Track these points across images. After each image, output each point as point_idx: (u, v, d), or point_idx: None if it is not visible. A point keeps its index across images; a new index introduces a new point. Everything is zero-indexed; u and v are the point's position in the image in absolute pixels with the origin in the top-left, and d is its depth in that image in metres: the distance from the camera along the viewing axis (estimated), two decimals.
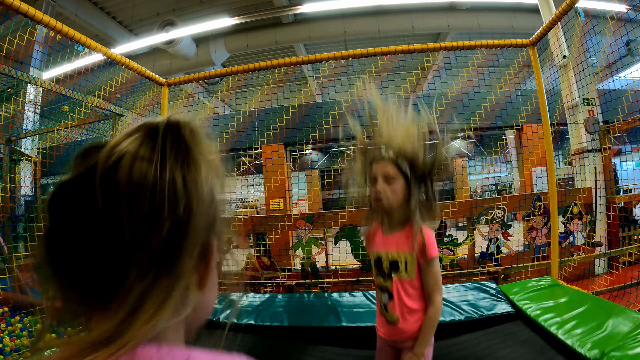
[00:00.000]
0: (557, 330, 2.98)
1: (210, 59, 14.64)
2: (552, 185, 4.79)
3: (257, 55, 15.75)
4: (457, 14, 12.98)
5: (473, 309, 3.69)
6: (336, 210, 7.07)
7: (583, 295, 3.79)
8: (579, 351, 2.63)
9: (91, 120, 6.27)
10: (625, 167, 10.39)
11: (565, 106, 7.88)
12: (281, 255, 7.07)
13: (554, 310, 3.46)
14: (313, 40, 14.15)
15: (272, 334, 3.71)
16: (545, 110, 4.85)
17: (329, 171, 14.49)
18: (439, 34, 14.99)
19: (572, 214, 6.93)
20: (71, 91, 5.34)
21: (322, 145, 15.35)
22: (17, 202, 7.50)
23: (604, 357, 2.43)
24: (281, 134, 7.71)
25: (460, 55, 5.10)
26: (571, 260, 6.07)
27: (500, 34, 12.55)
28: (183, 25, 12.67)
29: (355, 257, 6.79)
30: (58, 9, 10.99)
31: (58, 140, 7.04)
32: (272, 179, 9.81)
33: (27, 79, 5.00)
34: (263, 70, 5.13)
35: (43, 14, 3.34)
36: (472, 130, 6.37)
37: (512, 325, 3.48)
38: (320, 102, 14.81)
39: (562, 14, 4.25)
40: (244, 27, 14.02)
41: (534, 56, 4.84)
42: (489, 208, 6.78)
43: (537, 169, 9.04)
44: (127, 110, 6.42)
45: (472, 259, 6.86)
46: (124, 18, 13.69)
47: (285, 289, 6.51)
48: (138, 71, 4.73)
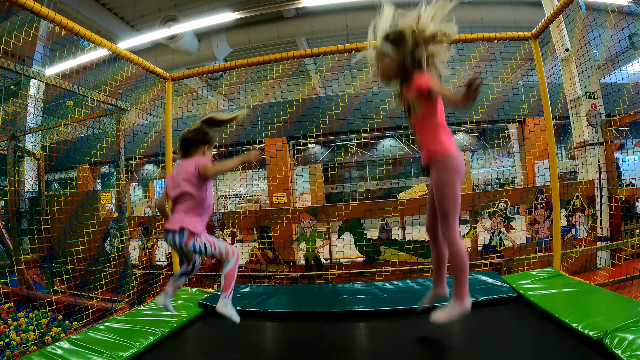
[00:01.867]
0: (559, 313, 3.00)
1: (212, 53, 14.66)
2: (554, 178, 4.82)
3: (260, 50, 15.77)
4: (459, 7, 12.85)
5: (476, 293, 3.72)
6: (340, 202, 7.10)
7: (585, 285, 3.82)
8: (581, 331, 2.65)
9: (96, 115, 6.31)
10: (627, 160, 10.40)
11: (567, 99, 7.90)
12: (286, 247, 7.11)
13: (556, 296, 3.49)
14: (315, 34, 14.15)
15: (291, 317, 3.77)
16: (548, 104, 4.87)
17: (332, 164, 14.53)
18: None
19: (575, 207, 6.95)
20: (77, 86, 5.37)
21: (325, 139, 15.40)
22: (22, 197, 7.55)
23: (607, 336, 2.45)
24: (285, 128, 7.73)
25: (462, 48, 5.10)
26: (573, 252, 6.09)
27: (502, 27, 12.53)
28: (185, 20, 12.69)
29: (359, 249, 6.83)
30: (60, 6, 11.02)
31: (62, 136, 7.07)
32: (276, 172, 9.85)
33: (33, 75, 5.03)
34: (266, 64, 5.14)
35: (48, 9, 3.38)
36: (474, 124, 6.39)
37: (514, 308, 3.51)
38: (324, 96, 14.81)
39: (564, 6, 4.27)
40: (246, 22, 14.04)
41: (536, 49, 4.85)
42: (492, 201, 6.81)
43: (539, 162, 9.05)
44: (131, 105, 6.44)
45: (475, 251, 6.90)
46: (126, 14, 13.71)
47: (289, 281, 6.56)
48: (142, 65, 4.76)
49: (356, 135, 9.88)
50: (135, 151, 7.07)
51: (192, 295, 4.50)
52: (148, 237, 7.87)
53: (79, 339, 3.15)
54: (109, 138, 6.28)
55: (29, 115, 7.41)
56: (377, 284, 4.51)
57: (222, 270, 3.01)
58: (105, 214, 7.79)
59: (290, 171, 10.57)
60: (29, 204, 7.80)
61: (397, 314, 3.59)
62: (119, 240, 6.29)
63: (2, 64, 4.42)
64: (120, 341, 3.09)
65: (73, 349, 2.95)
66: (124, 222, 6.22)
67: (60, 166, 7.87)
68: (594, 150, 7.58)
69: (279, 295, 4.35)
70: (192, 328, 3.69)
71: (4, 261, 7.28)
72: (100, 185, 12.98)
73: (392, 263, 6.70)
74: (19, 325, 5.39)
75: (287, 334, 3.54)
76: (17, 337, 4.99)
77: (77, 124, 6.60)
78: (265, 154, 11.07)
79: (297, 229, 7.43)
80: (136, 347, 2.99)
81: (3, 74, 4.89)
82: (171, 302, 3.29)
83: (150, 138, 7.65)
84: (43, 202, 7.21)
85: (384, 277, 6.27)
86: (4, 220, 7.80)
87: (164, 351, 3.14)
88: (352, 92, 7.36)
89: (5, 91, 5.21)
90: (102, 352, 2.88)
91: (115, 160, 6.14)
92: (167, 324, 3.53)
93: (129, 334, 3.25)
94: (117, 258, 6.01)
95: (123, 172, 6.20)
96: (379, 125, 6.81)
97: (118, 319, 3.74)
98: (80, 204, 7.01)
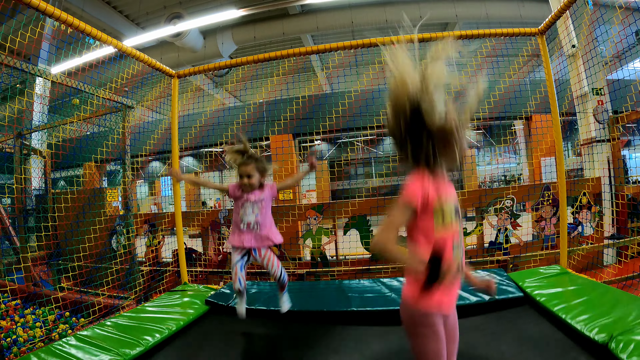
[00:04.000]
0: (565, 314, 2.99)
1: (217, 51, 14.66)
2: (561, 175, 4.80)
3: (265, 47, 15.76)
4: (465, 3, 12.91)
5: (482, 293, 3.70)
6: (346, 199, 7.09)
7: (592, 283, 3.81)
8: (586, 334, 2.65)
9: (102, 113, 6.33)
10: (634, 157, 10.34)
11: (574, 95, 7.86)
12: (292, 244, 7.11)
13: (562, 296, 3.48)
14: (320, 31, 14.12)
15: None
16: (554, 100, 4.85)
17: (338, 161, 14.51)
18: (447, 23, 14.94)
19: (581, 204, 6.92)
20: (82, 84, 5.38)
21: (331, 135, 15.34)
22: (28, 195, 7.58)
23: (612, 340, 2.45)
24: (290, 124, 7.74)
25: (469, 44, 5.09)
26: (580, 249, 6.07)
27: (509, 23, 12.43)
28: (190, 17, 12.69)
29: (365, 246, 6.82)
30: (65, 4, 11.03)
31: (68, 134, 7.10)
32: (282, 169, 9.85)
33: (38, 73, 5.05)
34: (272, 60, 5.14)
35: (54, 8, 3.38)
36: (480, 120, 6.37)
37: (520, 310, 3.51)
38: (329, 93, 14.80)
39: (571, 2, 4.24)
40: (252, 19, 14.03)
41: (543, 45, 4.82)
42: (498, 198, 6.79)
43: (546, 158, 9.01)
44: (137, 103, 6.45)
45: (481, 248, 6.88)
46: (131, 12, 13.72)
47: (295, 277, 6.57)
48: (148, 63, 4.76)
49: (362, 132, 9.88)
50: (142, 148, 7.07)
51: (199, 292, 4.51)
52: (154, 234, 7.89)
53: (85, 335, 3.17)
54: (115, 135, 6.30)
55: (35, 113, 7.43)
56: (384, 280, 4.51)
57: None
58: (112, 211, 7.82)
59: (296, 168, 10.55)
60: (36, 202, 7.84)
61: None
62: (126, 237, 6.31)
63: (8, 63, 4.43)
64: (127, 338, 3.11)
65: (80, 346, 2.97)
66: (131, 219, 6.24)
67: (66, 164, 7.89)
68: (600, 147, 7.54)
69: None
70: (199, 326, 3.70)
71: (11, 258, 7.32)
72: (106, 183, 13.02)
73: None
74: (26, 322, 5.42)
75: (293, 330, 3.55)
76: (24, 333, 5.02)
77: (83, 121, 6.63)
78: (271, 150, 11.08)
79: (303, 225, 7.43)
80: (143, 345, 3.01)
81: (9, 73, 4.92)
82: (178, 300, 3.31)
83: (157, 135, 7.67)
84: (49, 200, 7.23)
85: (390, 274, 6.27)
86: (11, 217, 7.84)
87: (171, 349, 3.16)
88: (358, 89, 7.34)
89: (12, 89, 5.23)
90: (109, 348, 2.89)
91: (122, 157, 6.16)
92: (174, 321, 3.54)
93: (136, 331, 3.26)
94: (123, 255, 6.03)
95: (129, 169, 6.22)
96: (385, 122, 6.79)
97: (125, 316, 3.76)
98: (86, 202, 7.04)
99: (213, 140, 7.69)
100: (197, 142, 8.60)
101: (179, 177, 3.71)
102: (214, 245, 7.59)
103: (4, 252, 7.47)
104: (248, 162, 3.38)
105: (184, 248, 5.57)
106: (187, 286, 4.84)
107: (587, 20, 6.91)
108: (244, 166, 3.36)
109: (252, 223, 3.36)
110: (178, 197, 5.31)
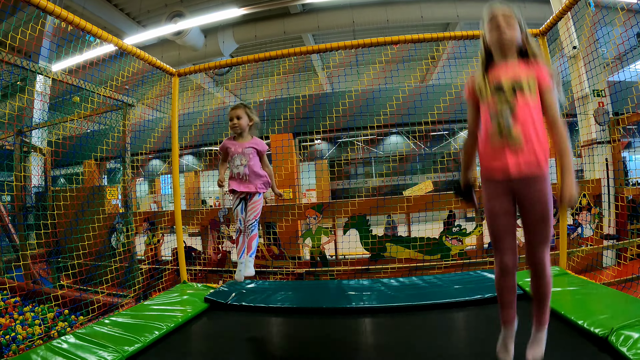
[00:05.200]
0: (564, 310, 2.99)
1: (218, 49, 14.66)
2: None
3: (266, 46, 15.75)
4: (466, 3, 12.89)
5: (482, 290, 3.72)
6: (345, 199, 7.10)
7: (591, 284, 3.81)
8: (586, 328, 2.64)
9: (102, 111, 6.32)
10: (635, 159, 10.34)
11: (574, 97, 7.85)
12: (291, 243, 7.11)
13: (562, 294, 3.47)
14: (321, 30, 14.13)
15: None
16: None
17: (338, 161, 14.51)
18: (448, 24, 14.93)
19: (581, 206, 6.92)
20: (83, 82, 5.39)
21: (331, 135, 15.33)
22: (28, 192, 7.58)
23: (612, 333, 2.44)
24: (291, 124, 7.73)
25: (470, 44, 5.08)
26: (579, 250, 6.07)
27: None
28: (191, 16, 12.69)
29: (364, 246, 6.83)
30: (66, 2, 11.04)
31: (68, 131, 7.10)
32: (282, 168, 9.85)
33: (39, 70, 5.05)
34: (273, 59, 5.13)
35: (54, 5, 3.38)
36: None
37: (520, 305, 3.50)
38: (330, 92, 14.80)
39: (572, 3, 4.23)
40: (253, 18, 14.03)
41: (544, 46, 4.81)
42: None
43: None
44: (137, 101, 6.45)
45: (481, 249, 6.88)
46: (132, 10, 13.73)
47: (294, 277, 6.57)
48: (149, 61, 4.75)
49: (362, 131, 9.89)
50: (142, 146, 7.08)
51: (198, 291, 4.51)
52: (154, 232, 7.89)
53: (84, 333, 3.16)
54: (115, 133, 6.30)
55: (36, 111, 7.43)
56: (383, 280, 4.51)
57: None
58: (111, 209, 7.81)
59: (296, 167, 10.55)
60: (35, 199, 7.83)
61: (403, 310, 3.59)
62: (125, 235, 6.31)
63: (9, 60, 4.43)
64: (126, 335, 3.10)
65: (79, 343, 2.96)
66: (130, 217, 6.24)
67: (66, 161, 7.90)
68: (601, 148, 7.54)
69: (284, 291, 4.35)
70: (198, 323, 3.70)
71: (10, 256, 7.32)
72: (106, 181, 13.01)
73: (397, 260, 6.70)
74: (25, 319, 5.42)
75: (292, 329, 3.55)
76: (23, 331, 5.02)
77: (83, 119, 6.63)
78: (272, 149, 11.08)
79: (302, 225, 7.43)
80: (141, 342, 3.00)
81: (10, 70, 4.91)
82: (177, 298, 3.32)
83: (157, 134, 7.66)
84: (49, 198, 7.23)
85: (389, 274, 6.27)
86: (11, 215, 7.84)
87: (169, 346, 3.15)
88: (358, 89, 7.35)
89: (12, 87, 5.23)
90: (108, 346, 2.89)
91: (122, 155, 6.16)
92: (173, 318, 3.54)
93: (135, 329, 3.26)
94: (123, 253, 6.03)
95: (129, 167, 6.22)
96: (385, 122, 6.79)
97: (124, 314, 3.75)
98: (86, 199, 7.04)
99: (213, 139, 7.69)
100: (198, 141, 8.59)
101: (222, 181, 4.03)
102: (214, 244, 7.60)
103: (4, 250, 7.46)
104: (238, 105, 3.87)
105: (184, 246, 5.57)
106: (186, 285, 4.84)
107: (588, 21, 6.91)
108: (234, 110, 3.84)
109: (241, 173, 3.78)
110: (178, 195, 5.29)
